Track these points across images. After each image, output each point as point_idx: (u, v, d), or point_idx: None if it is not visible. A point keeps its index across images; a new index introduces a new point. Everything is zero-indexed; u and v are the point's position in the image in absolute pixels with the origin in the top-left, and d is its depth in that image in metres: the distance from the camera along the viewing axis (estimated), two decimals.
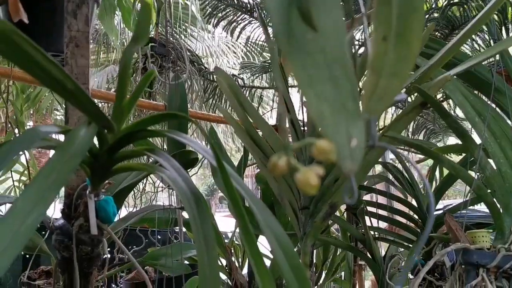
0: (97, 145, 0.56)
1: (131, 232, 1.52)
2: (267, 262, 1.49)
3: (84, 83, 0.65)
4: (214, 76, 1.89)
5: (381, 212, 1.39)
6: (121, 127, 0.56)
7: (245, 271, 1.59)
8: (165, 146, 1.30)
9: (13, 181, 1.37)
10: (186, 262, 1.43)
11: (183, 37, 4.35)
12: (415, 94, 0.70)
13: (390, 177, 1.37)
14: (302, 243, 0.74)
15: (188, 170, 1.04)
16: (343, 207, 1.62)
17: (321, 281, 1.61)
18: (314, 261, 1.70)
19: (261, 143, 0.78)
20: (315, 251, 1.70)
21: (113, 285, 1.55)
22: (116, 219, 1.23)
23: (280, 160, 0.28)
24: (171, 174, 0.52)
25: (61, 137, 0.57)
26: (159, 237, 1.61)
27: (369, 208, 1.37)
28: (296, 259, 0.49)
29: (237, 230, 1.62)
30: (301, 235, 0.74)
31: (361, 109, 0.30)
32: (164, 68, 1.59)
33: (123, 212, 1.43)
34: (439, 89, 0.65)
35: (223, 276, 1.39)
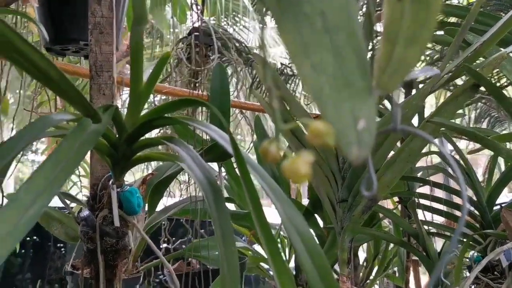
0: (116, 135, 0.54)
1: (178, 222, 1.52)
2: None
3: (109, 71, 0.63)
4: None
5: (438, 206, 1.30)
6: (139, 114, 0.53)
7: (292, 264, 1.55)
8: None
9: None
10: None
11: (236, 28, 4.34)
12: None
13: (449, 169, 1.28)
14: (339, 238, 0.69)
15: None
16: (396, 200, 1.54)
17: (372, 277, 1.54)
18: (365, 255, 1.64)
19: (299, 133, 0.73)
20: (365, 245, 1.64)
21: (160, 275, 1.57)
22: (159, 209, 1.23)
23: (271, 146, 0.24)
24: (189, 164, 0.49)
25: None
26: (204, 229, 1.61)
27: (424, 202, 1.28)
28: (321, 258, 0.44)
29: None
30: (338, 229, 0.69)
31: (372, 85, 0.25)
32: (208, 58, 1.56)
33: (169, 203, 1.44)
34: (494, 69, 0.57)
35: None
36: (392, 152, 0.69)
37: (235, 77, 1.71)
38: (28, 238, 2.64)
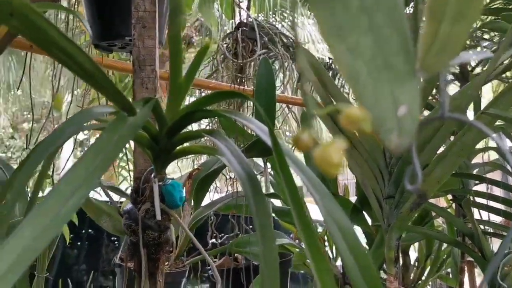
0: (157, 128, 0.54)
1: (226, 217, 1.53)
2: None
3: (151, 65, 0.63)
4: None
5: (495, 204, 1.23)
6: (179, 107, 0.53)
7: (339, 262, 1.52)
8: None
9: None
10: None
11: (284, 24, 4.32)
12: None
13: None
14: (386, 236, 0.66)
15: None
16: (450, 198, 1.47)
17: (424, 277, 1.49)
18: (417, 255, 1.58)
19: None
20: (417, 244, 1.58)
21: (209, 269, 1.58)
22: (204, 204, 1.24)
23: (302, 134, 0.22)
24: (228, 158, 0.48)
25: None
26: (252, 225, 1.60)
27: (481, 200, 1.22)
28: (365, 257, 0.42)
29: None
30: (385, 227, 0.66)
31: (416, 67, 0.23)
32: (255, 53, 1.55)
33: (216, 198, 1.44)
34: None
35: None
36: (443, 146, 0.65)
37: (282, 72, 1.69)
38: (83, 231, 2.74)
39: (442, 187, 1.39)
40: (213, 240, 1.44)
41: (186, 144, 0.55)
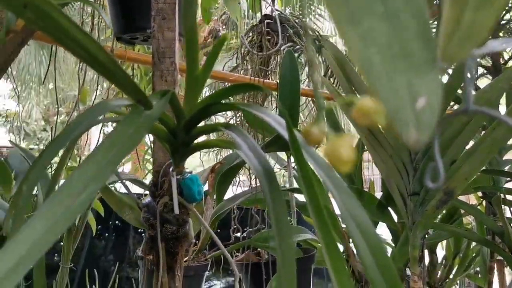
0: (175, 121, 0.53)
1: (249, 211, 1.52)
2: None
3: (171, 57, 0.63)
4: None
5: None
6: (196, 99, 0.52)
7: None
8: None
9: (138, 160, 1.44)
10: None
11: (311, 17, 4.27)
12: None
13: None
14: (410, 234, 0.64)
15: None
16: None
17: (451, 276, 1.45)
18: (444, 253, 1.54)
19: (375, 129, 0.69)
20: (444, 242, 1.54)
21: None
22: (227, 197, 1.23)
23: (313, 128, 0.21)
24: (245, 151, 0.46)
25: None
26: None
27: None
28: (385, 256, 0.40)
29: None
30: (409, 225, 0.64)
31: (437, 55, 0.22)
32: (280, 46, 1.53)
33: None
34: None
35: None
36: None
37: (307, 66, 1.66)
38: (110, 222, 2.78)
39: (471, 184, 1.35)
40: (237, 234, 1.43)
41: (204, 138, 0.54)
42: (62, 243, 1.12)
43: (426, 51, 0.21)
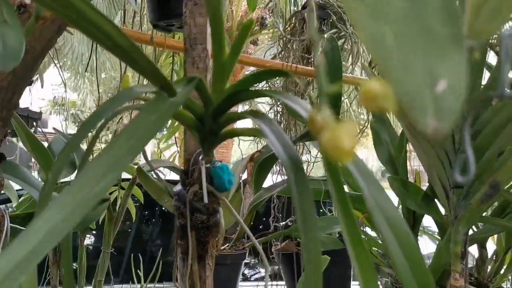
0: (203, 109, 0.52)
1: (290, 200, 1.50)
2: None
3: (202, 43, 0.62)
4: None
5: None
6: (224, 86, 0.51)
7: None
8: None
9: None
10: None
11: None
12: None
13: None
14: (452, 230, 0.60)
15: None
16: None
17: (502, 272, 1.38)
18: (495, 248, 1.47)
19: None
20: (495, 237, 1.47)
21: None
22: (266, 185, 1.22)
23: (318, 114, 0.19)
24: (271, 140, 0.45)
25: None
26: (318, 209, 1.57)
27: None
28: (416, 253, 0.38)
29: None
30: (452, 219, 0.60)
31: (463, 32, 0.19)
32: (324, 32, 1.50)
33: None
34: None
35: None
36: None
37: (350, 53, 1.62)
38: (156, 208, 2.85)
39: None
40: (280, 223, 1.42)
41: (232, 126, 0.52)
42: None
43: (449, 27, 0.19)
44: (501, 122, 0.55)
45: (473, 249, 1.41)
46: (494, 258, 1.43)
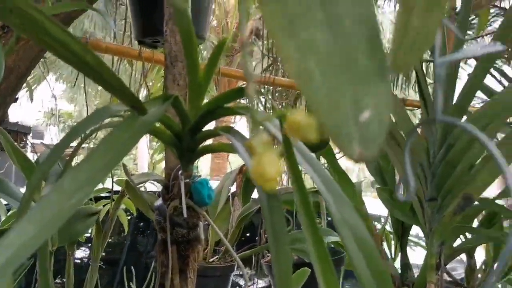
0: (180, 126, 0.53)
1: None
2: None
3: (182, 61, 0.63)
4: None
5: None
6: (200, 103, 0.52)
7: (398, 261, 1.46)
8: None
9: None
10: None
11: None
12: None
13: None
14: (428, 242, 0.61)
15: None
16: None
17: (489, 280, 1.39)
18: (484, 257, 1.48)
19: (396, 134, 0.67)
20: (484, 246, 1.48)
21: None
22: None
23: (255, 140, 0.20)
24: (242, 154, 0.46)
25: None
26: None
27: None
28: (383, 271, 0.39)
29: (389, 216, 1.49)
30: (427, 231, 0.61)
31: (387, 64, 0.20)
32: None
33: None
34: None
35: None
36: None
37: None
38: (151, 220, 2.85)
39: None
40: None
41: (208, 142, 0.54)
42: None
43: (373, 59, 0.20)
44: (471, 137, 0.57)
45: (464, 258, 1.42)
46: (483, 267, 1.44)
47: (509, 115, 0.53)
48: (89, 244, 2.40)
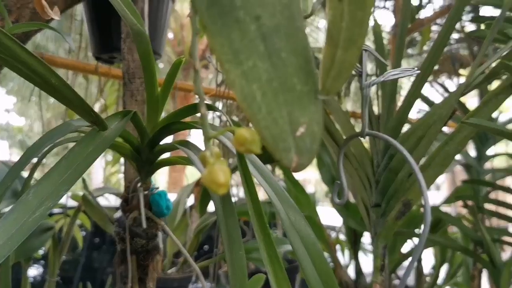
0: (139, 140, 0.56)
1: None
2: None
3: (141, 78, 0.66)
4: None
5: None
6: (157, 119, 0.55)
7: (351, 268, 1.51)
8: None
9: None
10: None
11: (307, 29, 4.31)
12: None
13: None
14: (373, 245, 0.66)
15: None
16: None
17: (437, 284, 1.47)
18: (433, 262, 1.56)
19: (334, 131, 0.71)
20: (431, 250, 1.56)
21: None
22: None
23: (205, 153, 0.23)
24: (198, 166, 0.49)
25: None
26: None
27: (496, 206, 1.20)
28: (330, 274, 0.43)
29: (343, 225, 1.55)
30: (372, 235, 0.66)
31: (318, 88, 0.24)
32: None
33: None
34: None
35: None
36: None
37: None
38: (107, 234, 2.80)
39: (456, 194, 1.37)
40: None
41: (165, 155, 0.57)
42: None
43: (306, 85, 0.24)
44: (410, 147, 0.62)
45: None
46: (432, 271, 1.52)
47: (443, 125, 0.59)
48: (42, 261, 2.34)
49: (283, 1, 0.24)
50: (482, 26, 0.74)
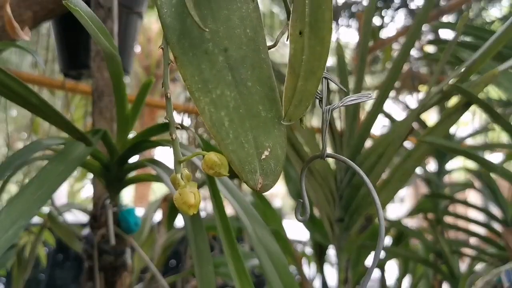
0: (108, 157, 0.57)
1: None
2: None
3: (109, 96, 0.67)
4: None
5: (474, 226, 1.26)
6: (126, 137, 0.56)
7: (317, 281, 1.54)
8: None
9: None
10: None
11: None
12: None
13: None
14: (337, 258, 0.68)
15: None
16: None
17: None
18: (397, 274, 1.60)
19: (300, 149, 0.74)
20: (392, 262, 1.60)
21: None
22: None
23: (178, 177, 0.25)
24: (168, 184, 0.50)
25: None
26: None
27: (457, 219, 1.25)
28: (292, 281, 0.45)
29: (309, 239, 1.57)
30: (336, 248, 0.69)
31: (281, 115, 0.26)
32: None
33: None
34: (485, 86, 0.56)
35: None
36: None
37: None
38: (70, 251, 2.74)
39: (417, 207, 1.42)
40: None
41: (135, 173, 0.58)
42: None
43: (271, 111, 0.26)
44: (371, 164, 0.65)
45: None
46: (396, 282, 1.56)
47: (401, 143, 0.62)
48: (4, 279, 2.26)
49: (249, 34, 0.26)
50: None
